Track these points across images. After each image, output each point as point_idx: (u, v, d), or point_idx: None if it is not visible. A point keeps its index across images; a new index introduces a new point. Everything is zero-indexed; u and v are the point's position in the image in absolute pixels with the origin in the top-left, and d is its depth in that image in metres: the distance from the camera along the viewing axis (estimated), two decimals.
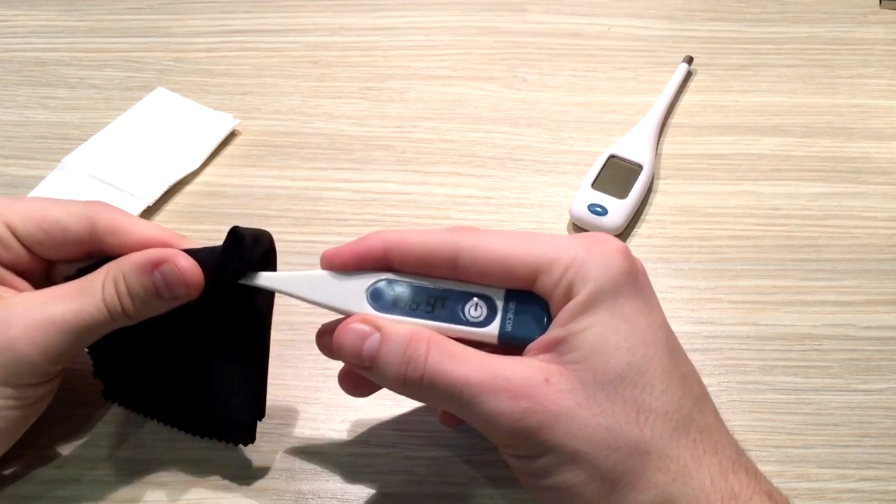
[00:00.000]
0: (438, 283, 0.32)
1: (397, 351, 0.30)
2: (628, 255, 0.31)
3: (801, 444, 0.38)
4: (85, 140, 0.51)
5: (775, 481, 0.30)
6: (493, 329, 0.31)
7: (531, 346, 0.30)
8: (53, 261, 0.36)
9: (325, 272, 0.32)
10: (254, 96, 0.56)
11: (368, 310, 0.32)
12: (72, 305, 0.32)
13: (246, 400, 0.35)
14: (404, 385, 0.30)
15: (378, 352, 0.30)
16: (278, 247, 0.34)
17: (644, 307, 0.30)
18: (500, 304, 0.31)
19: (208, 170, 0.51)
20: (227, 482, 0.36)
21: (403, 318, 0.32)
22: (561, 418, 0.28)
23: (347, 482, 0.37)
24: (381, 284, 0.32)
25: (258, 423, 0.36)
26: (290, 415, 0.39)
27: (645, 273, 0.31)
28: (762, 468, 0.30)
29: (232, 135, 0.53)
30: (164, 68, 0.58)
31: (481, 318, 0.31)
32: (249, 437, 0.36)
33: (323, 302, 0.32)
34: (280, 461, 0.37)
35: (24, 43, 0.60)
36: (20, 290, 0.34)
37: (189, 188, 0.50)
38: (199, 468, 0.37)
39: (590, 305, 0.29)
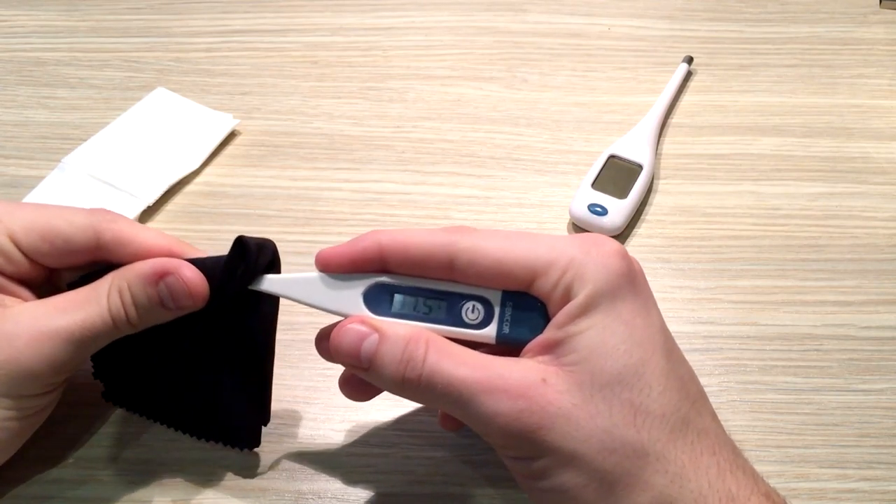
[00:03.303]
0: (434, 285, 0.32)
1: (396, 351, 0.30)
2: (626, 257, 0.30)
3: (801, 444, 0.38)
4: (85, 140, 0.51)
5: (775, 481, 0.30)
6: (490, 331, 0.31)
7: (528, 347, 0.30)
8: (56, 269, 0.35)
9: (321, 274, 0.32)
10: (254, 96, 0.56)
11: (365, 313, 0.32)
12: (76, 316, 0.32)
13: (251, 405, 0.36)
14: (402, 385, 0.30)
15: (376, 352, 0.30)
16: (278, 247, 0.34)
17: (642, 309, 0.30)
18: (496, 307, 0.31)
19: (208, 170, 0.51)
20: (227, 482, 0.36)
21: (400, 320, 0.31)
22: (558, 419, 0.28)
23: (347, 482, 0.37)
24: (377, 287, 0.32)
25: (262, 427, 0.36)
26: (290, 415, 0.39)
27: (643, 274, 0.31)
28: (762, 468, 0.30)
29: (232, 135, 0.53)
30: (164, 68, 0.58)
31: (478, 321, 0.31)
32: (254, 442, 0.36)
33: (319, 305, 0.32)
34: (280, 461, 0.37)
35: (24, 43, 0.60)
36: (23, 300, 0.34)
37: (189, 188, 0.50)
38: (200, 468, 0.37)
39: (588, 308, 0.29)
